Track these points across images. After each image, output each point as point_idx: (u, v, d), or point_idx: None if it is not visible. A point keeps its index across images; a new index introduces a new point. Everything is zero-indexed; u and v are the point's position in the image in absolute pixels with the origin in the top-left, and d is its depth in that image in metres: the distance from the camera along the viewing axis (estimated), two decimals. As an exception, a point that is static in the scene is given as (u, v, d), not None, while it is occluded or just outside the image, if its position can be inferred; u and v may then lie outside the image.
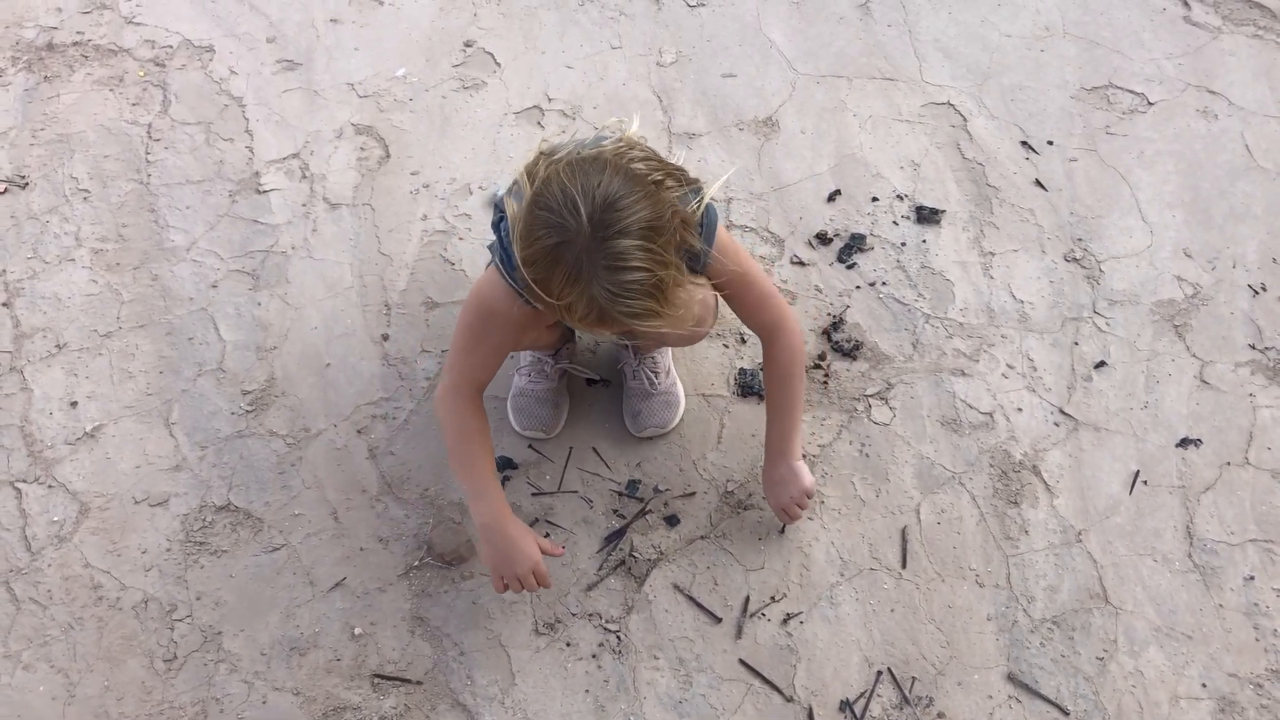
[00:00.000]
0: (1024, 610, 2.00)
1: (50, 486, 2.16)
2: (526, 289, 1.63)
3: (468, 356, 1.87)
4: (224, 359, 2.34)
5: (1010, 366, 2.32)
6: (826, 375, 2.30)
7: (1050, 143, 2.70)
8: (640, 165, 1.62)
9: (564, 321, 1.69)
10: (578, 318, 1.60)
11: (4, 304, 2.43)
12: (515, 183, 1.67)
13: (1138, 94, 2.80)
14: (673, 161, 1.74)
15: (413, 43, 2.97)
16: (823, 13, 3.01)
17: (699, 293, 1.84)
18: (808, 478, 1.98)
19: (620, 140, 1.69)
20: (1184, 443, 2.20)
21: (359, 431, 2.23)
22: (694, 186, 1.72)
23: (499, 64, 2.92)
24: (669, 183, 1.66)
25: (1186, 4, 2.99)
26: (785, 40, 2.95)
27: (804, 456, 2.08)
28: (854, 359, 2.33)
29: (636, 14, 3.04)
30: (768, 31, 2.98)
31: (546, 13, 3.04)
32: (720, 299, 1.96)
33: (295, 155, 2.70)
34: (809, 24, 2.99)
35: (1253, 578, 2.02)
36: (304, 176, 2.66)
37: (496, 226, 1.83)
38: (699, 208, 1.71)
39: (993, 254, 2.50)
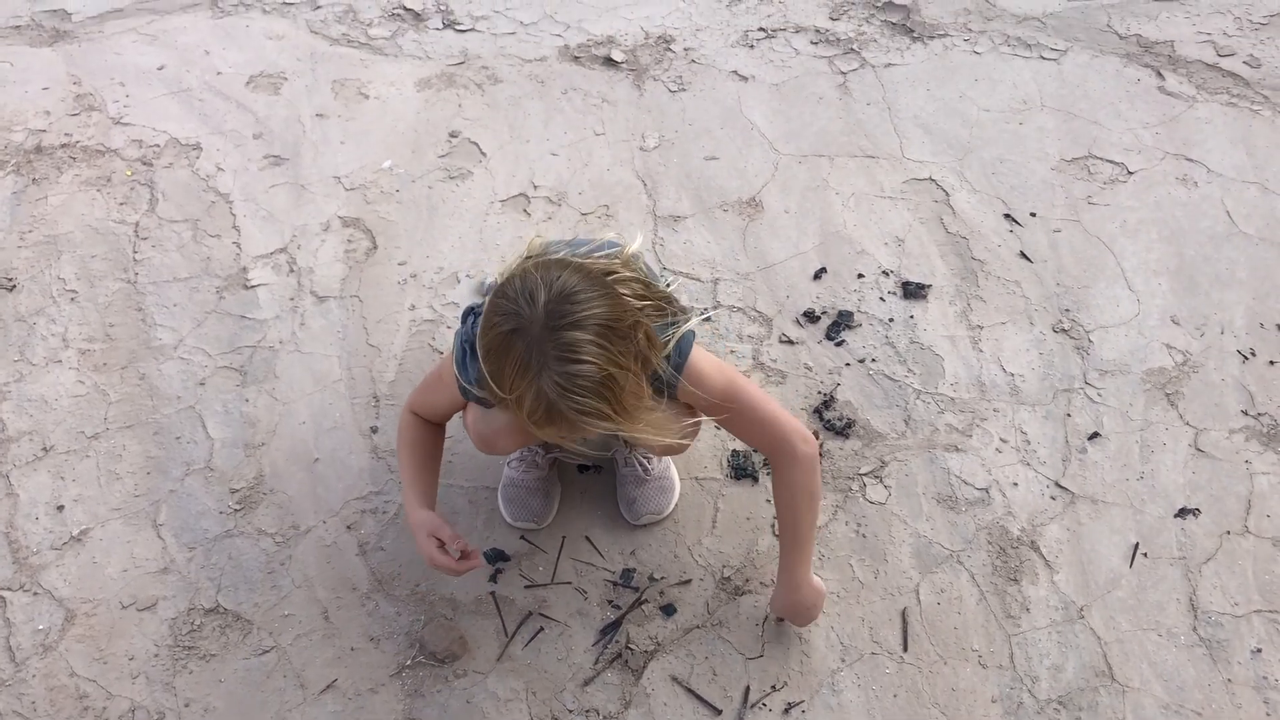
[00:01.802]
0: (1029, 691, 1.96)
1: (35, 594, 2.13)
2: (476, 384, 1.69)
3: (420, 392, 1.98)
4: (212, 457, 2.32)
5: (1004, 440, 2.30)
6: (820, 455, 2.28)
7: (1033, 214, 2.72)
8: (621, 287, 1.64)
9: (518, 421, 1.65)
10: (527, 412, 1.57)
11: (-10, 408, 2.42)
12: (494, 279, 1.68)
13: (1117, 164, 2.83)
14: (662, 289, 1.75)
15: (398, 135, 3.00)
16: (802, 94, 3.05)
17: (677, 416, 1.81)
18: (819, 595, 1.95)
19: (615, 258, 1.70)
20: (1182, 513, 2.18)
21: (349, 527, 2.21)
22: (677, 318, 1.74)
23: (484, 153, 2.94)
24: (648, 310, 1.67)
25: (1160, 74, 3.04)
26: (766, 122, 2.99)
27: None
28: (846, 437, 2.31)
29: (619, 100, 3.08)
30: (748, 113, 3.01)
31: (530, 102, 3.08)
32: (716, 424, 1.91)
33: (282, 250, 2.71)
34: (789, 105, 3.03)
35: (1260, 650, 1.99)
36: (291, 270, 2.66)
37: (465, 316, 1.83)
38: (673, 339, 1.72)
39: (981, 327, 2.50)
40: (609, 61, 3.21)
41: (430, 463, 1.98)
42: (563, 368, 1.52)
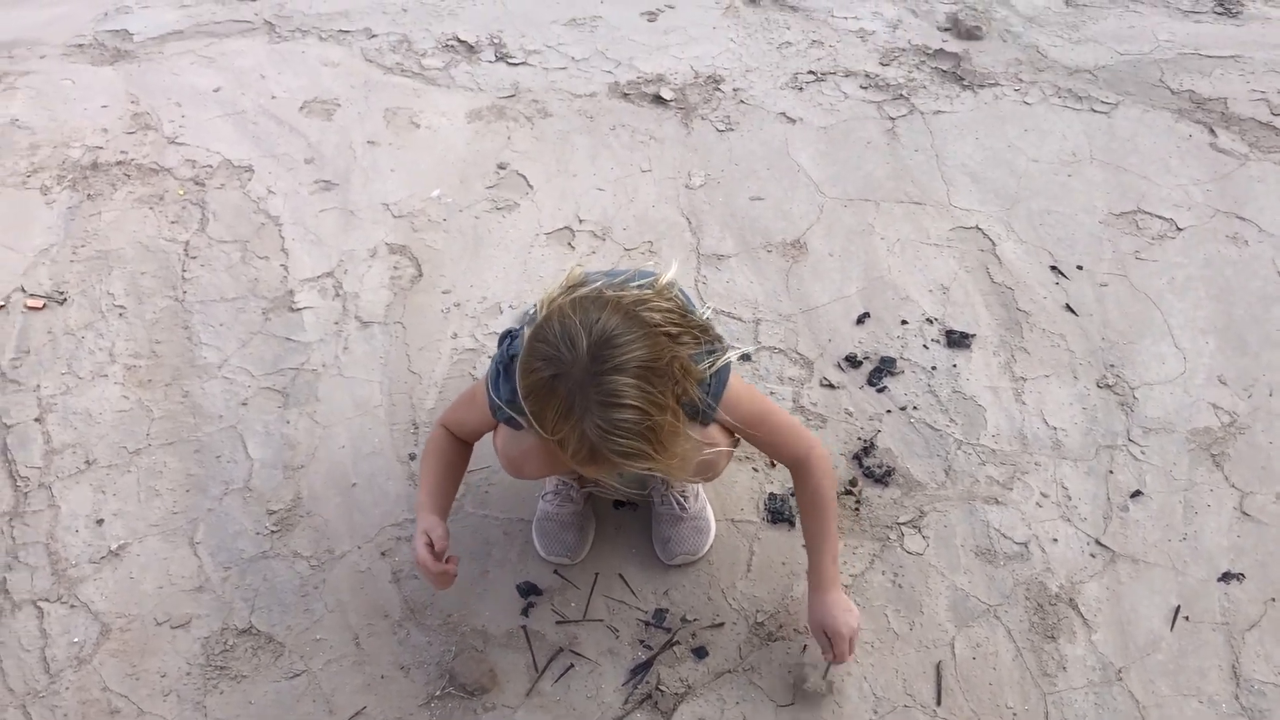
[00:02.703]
0: (1065, 752, 1.92)
1: (72, 606, 2.14)
2: (507, 404, 1.75)
3: (453, 408, 2.01)
4: (251, 477, 2.34)
5: (1044, 495, 2.28)
6: (858, 501, 2.26)
7: (1080, 267, 2.70)
8: (655, 315, 1.64)
9: (560, 458, 1.66)
10: (570, 453, 1.59)
11: (36, 419, 2.44)
12: (535, 307, 1.69)
13: (1166, 219, 2.81)
14: (699, 318, 1.77)
15: (447, 164, 3.03)
16: (850, 138, 3.06)
17: (710, 440, 1.85)
18: (856, 612, 1.93)
19: (651, 285, 1.71)
20: (1226, 577, 2.14)
21: (383, 554, 2.21)
22: (711, 346, 1.76)
23: (531, 186, 2.97)
24: (684, 338, 1.68)
25: (1213, 131, 3.02)
26: (812, 164, 2.99)
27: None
28: (885, 485, 2.30)
29: (666, 138, 3.09)
30: (795, 155, 3.02)
31: (579, 136, 3.11)
32: (741, 441, 1.96)
33: (329, 274, 2.74)
34: (836, 148, 3.04)
35: (1303, 722, 1.95)
36: (337, 295, 2.69)
37: (502, 339, 1.85)
38: (711, 367, 1.75)
39: (1024, 379, 2.48)
40: (658, 99, 3.23)
41: (451, 473, 1.99)
42: (605, 414, 1.53)
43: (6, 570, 2.19)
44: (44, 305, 2.68)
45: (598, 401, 1.53)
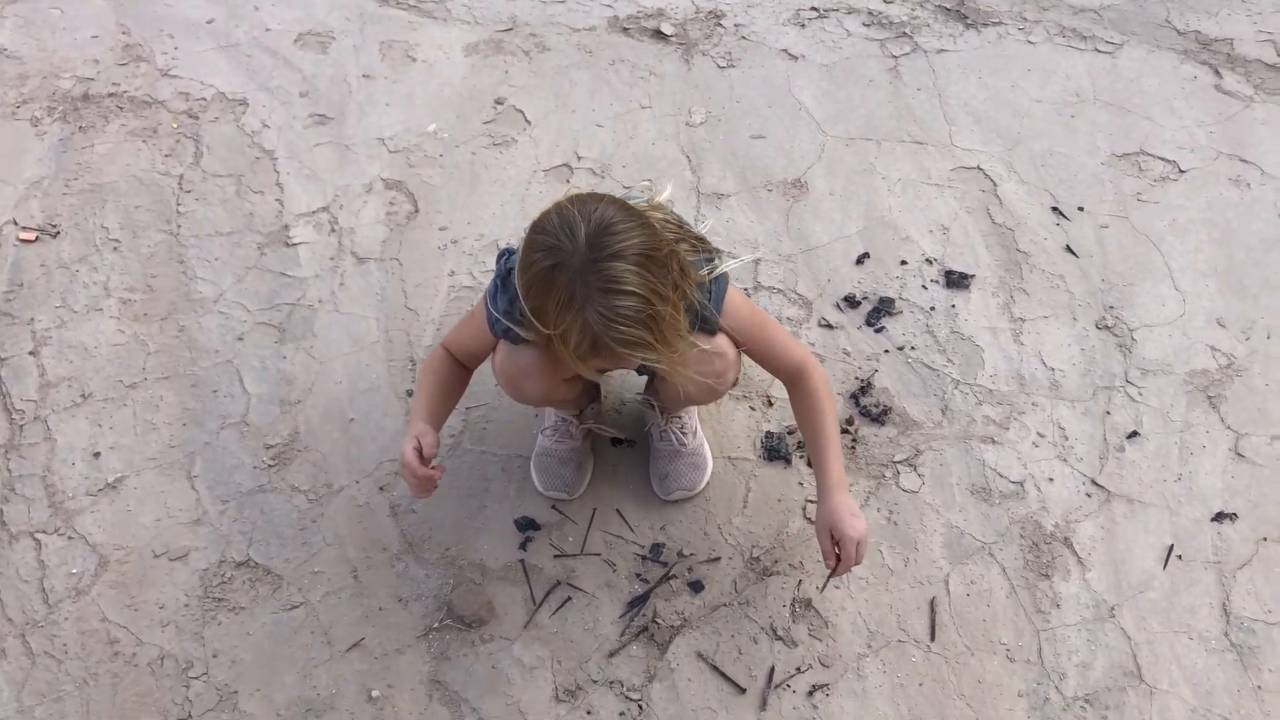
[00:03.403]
0: (1056, 687, 1.95)
1: (70, 538, 2.15)
2: (510, 327, 1.77)
3: (455, 329, 2.00)
4: (248, 412, 2.33)
5: (1041, 435, 2.28)
6: (854, 440, 2.27)
7: (1081, 209, 2.69)
8: (654, 215, 1.67)
9: (561, 356, 1.66)
10: (571, 347, 1.59)
11: (31, 352, 2.43)
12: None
13: (1169, 161, 2.78)
14: (695, 230, 1.78)
15: (444, 99, 2.99)
16: (852, 76, 3.02)
17: (718, 349, 1.86)
18: (864, 518, 1.89)
19: (647, 204, 1.71)
20: (1219, 517, 2.16)
21: (381, 488, 2.22)
22: (709, 255, 1.77)
23: (529, 121, 2.93)
24: (682, 244, 1.69)
25: (1218, 73, 2.99)
26: (814, 103, 2.96)
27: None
28: (882, 424, 2.30)
29: (667, 74, 3.05)
30: (797, 94, 2.99)
31: (578, 72, 3.06)
32: (742, 354, 1.95)
33: (325, 209, 2.71)
34: (839, 87, 3.00)
35: (1292, 659, 1.97)
36: (333, 230, 2.67)
37: (500, 257, 1.86)
38: (709, 274, 1.76)
39: (1023, 320, 2.47)
40: (658, 34, 3.18)
41: (447, 391, 1.96)
42: (606, 300, 1.53)
43: (3, 503, 2.19)
44: (36, 238, 2.65)
45: (598, 288, 1.53)
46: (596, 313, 1.54)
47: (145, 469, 2.25)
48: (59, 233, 2.67)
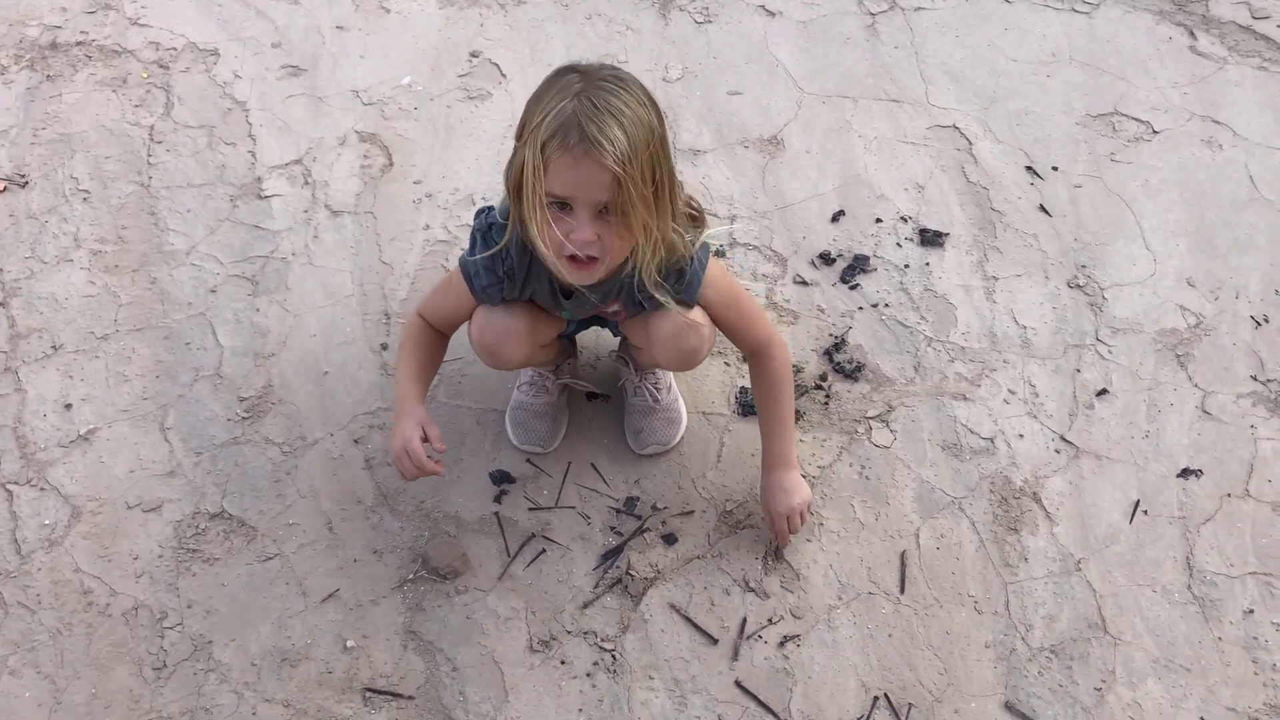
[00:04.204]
0: (1022, 638, 1.98)
1: (42, 489, 2.14)
2: (486, 287, 1.83)
3: (430, 295, 2.00)
4: (221, 365, 2.32)
5: (1012, 392, 2.31)
6: (828, 396, 2.29)
7: (1055, 168, 2.70)
8: None
9: (523, 172, 1.64)
10: (545, 128, 1.57)
11: (0, 304, 2.41)
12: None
13: (1143, 122, 2.80)
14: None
15: (419, 52, 2.96)
16: (830, 33, 3.01)
17: (694, 323, 1.89)
18: (808, 490, 2.01)
19: None
20: (1185, 473, 2.19)
21: (356, 441, 2.22)
22: (696, 222, 1.85)
23: (505, 75, 2.91)
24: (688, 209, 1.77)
25: (1193, 34, 3.00)
26: (791, 59, 2.95)
27: (804, 476, 2.07)
28: (855, 380, 2.32)
29: (643, 29, 3.04)
30: (774, 50, 2.98)
31: (554, 25, 3.04)
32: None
33: (298, 161, 2.69)
34: (815, 44, 2.99)
35: (1252, 611, 2.01)
36: (306, 183, 2.65)
37: (479, 213, 1.88)
38: (694, 241, 1.80)
39: (996, 278, 2.49)
40: (635, -11, 3.16)
41: (429, 365, 1.99)
42: (602, 96, 1.58)
43: (-26, 453, 2.18)
44: (5, 188, 2.62)
45: (599, 88, 1.59)
46: (588, 100, 1.57)
47: (117, 420, 2.24)
48: (27, 183, 2.64)
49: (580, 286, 1.78)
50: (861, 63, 2.94)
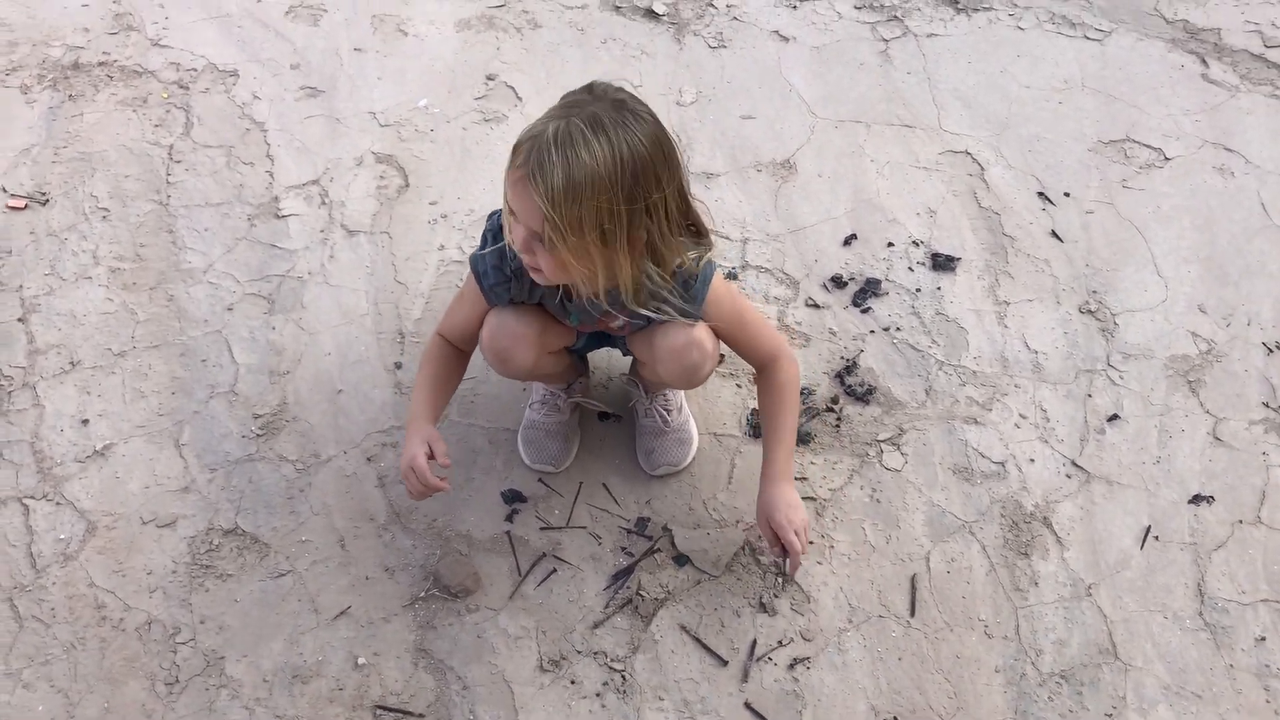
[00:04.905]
0: (1032, 663, 1.98)
1: (58, 504, 2.16)
2: (495, 285, 1.85)
3: (447, 313, 2.03)
4: (237, 382, 2.34)
5: (1023, 416, 2.31)
6: (839, 419, 2.29)
7: (1067, 194, 2.71)
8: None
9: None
10: (525, 142, 1.59)
11: (20, 319, 2.43)
12: None
13: (1155, 149, 2.81)
14: (699, 217, 1.82)
15: (435, 74, 2.99)
16: (843, 58, 3.04)
17: (697, 340, 1.88)
18: (803, 508, 1.95)
19: None
20: (1196, 499, 2.19)
21: (369, 459, 2.23)
22: (700, 242, 1.81)
23: (520, 98, 2.94)
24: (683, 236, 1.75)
25: (1205, 62, 3.02)
26: (805, 84, 2.97)
27: (814, 498, 2.08)
28: (866, 403, 2.32)
29: (658, 53, 3.06)
30: (788, 75, 3.00)
31: (569, 49, 3.07)
32: (720, 343, 1.99)
33: (315, 182, 2.72)
34: (829, 69, 3.01)
35: (1264, 638, 2.01)
36: (323, 203, 2.67)
37: (492, 215, 1.91)
38: (698, 260, 1.79)
39: (1007, 303, 2.50)
40: (650, 14, 3.19)
41: (446, 383, 2.01)
42: (575, 132, 1.55)
43: (-9, 467, 2.20)
44: (26, 205, 2.65)
45: (587, 117, 1.56)
46: (564, 128, 1.55)
47: (134, 436, 2.26)
48: (48, 201, 2.67)
49: (577, 294, 1.80)
50: (874, 88, 2.96)
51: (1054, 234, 2.63)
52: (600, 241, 1.62)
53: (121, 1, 3.19)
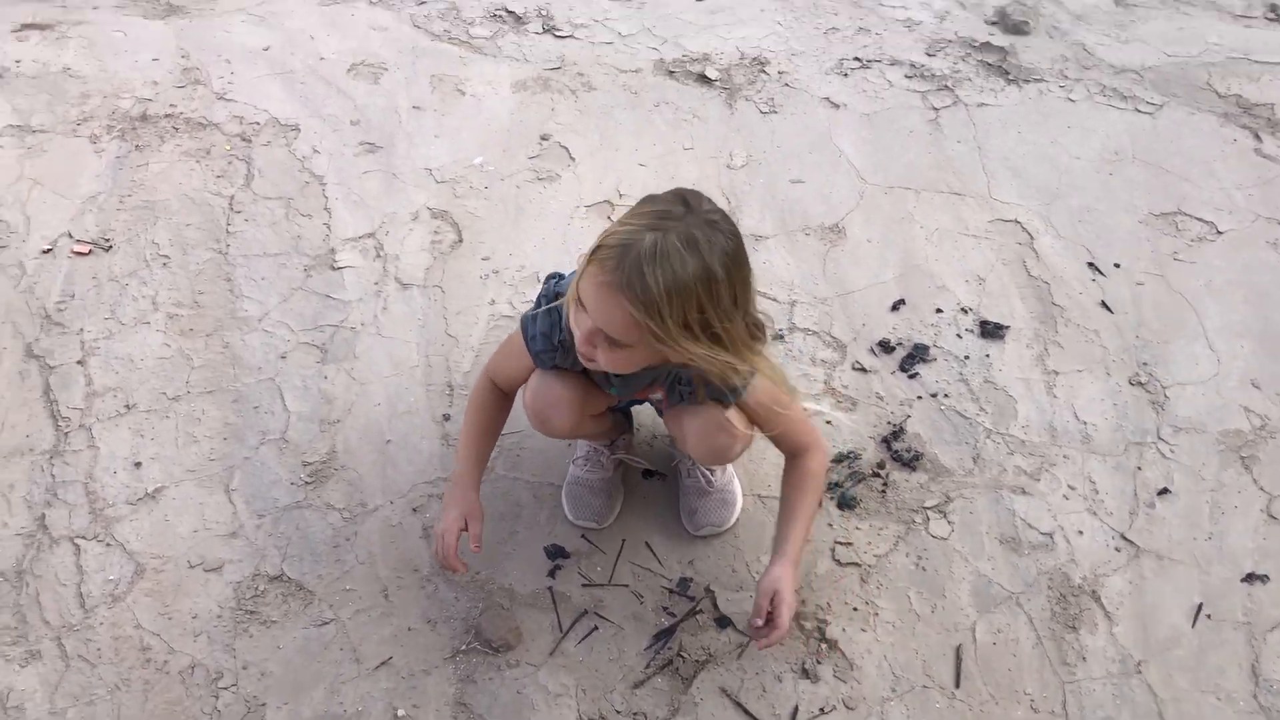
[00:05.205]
0: (1080, 740, 1.94)
1: (108, 545, 2.18)
2: (542, 351, 1.87)
3: (495, 355, 2.06)
4: (287, 429, 2.37)
5: (1072, 488, 2.29)
6: (885, 484, 2.28)
7: (1117, 265, 2.70)
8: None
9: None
10: (600, 251, 1.59)
11: (79, 361, 2.49)
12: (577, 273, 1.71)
13: (1207, 222, 2.80)
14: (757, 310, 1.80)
15: (491, 133, 3.05)
16: (893, 126, 3.06)
17: (727, 426, 1.88)
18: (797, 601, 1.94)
19: None
20: (1250, 578, 2.15)
21: (414, 510, 2.24)
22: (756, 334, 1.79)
23: (573, 158, 2.99)
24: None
25: (1258, 137, 3.01)
26: (854, 150, 3.00)
27: (858, 565, 2.06)
28: (913, 469, 2.31)
29: (710, 117, 3.11)
30: (838, 141, 3.03)
31: (622, 112, 3.12)
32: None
33: (371, 235, 2.77)
34: (879, 135, 3.04)
35: (1320, 724, 1.96)
36: (378, 256, 2.72)
37: (548, 279, 1.93)
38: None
39: (1056, 373, 2.48)
40: (703, 78, 3.24)
41: (492, 432, 2.06)
42: (670, 243, 1.54)
43: (46, 506, 2.23)
44: (90, 251, 2.72)
45: (684, 230, 1.56)
46: (660, 238, 1.55)
47: (184, 480, 2.29)
48: (111, 247, 2.73)
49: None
50: (924, 155, 2.98)
51: (1104, 305, 2.62)
52: (690, 341, 1.63)
53: (190, 56, 3.29)
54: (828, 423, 2.37)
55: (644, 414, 2.36)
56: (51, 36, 3.37)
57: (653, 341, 1.62)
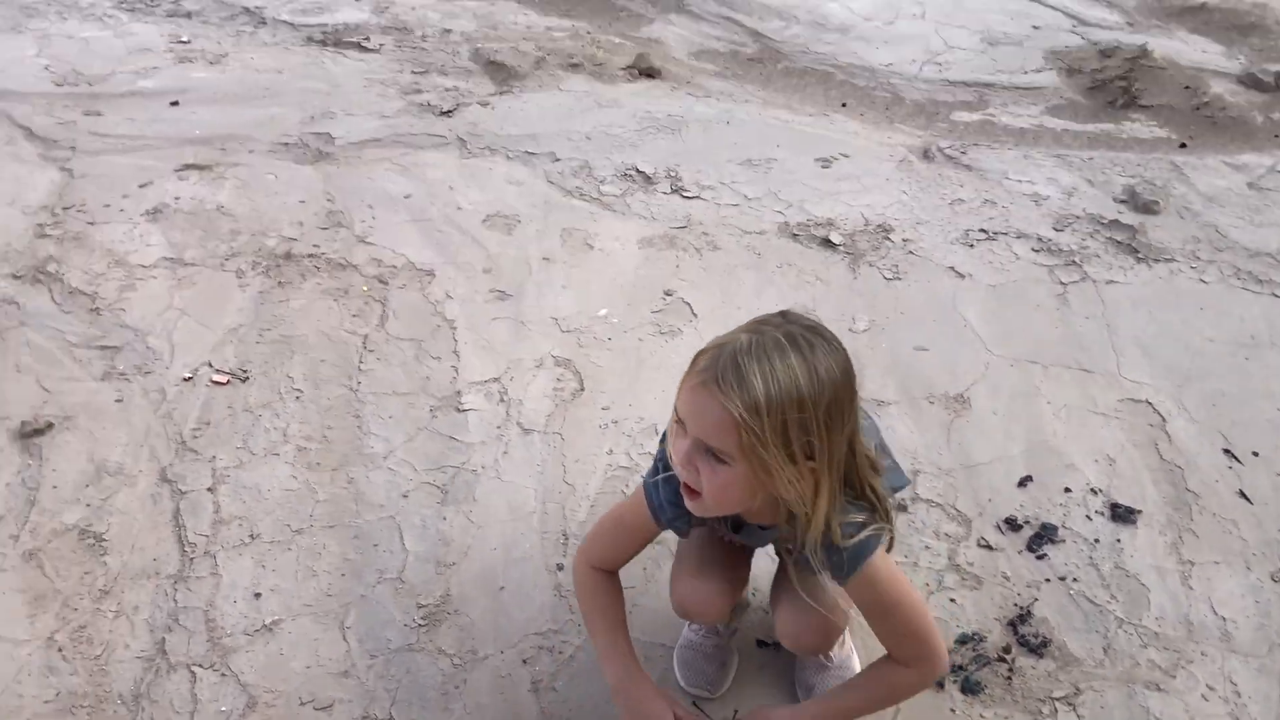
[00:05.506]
0: None
1: (224, 675, 2.20)
2: (672, 519, 1.79)
3: (596, 540, 1.95)
4: (405, 569, 2.39)
5: (1210, 688, 2.17)
6: (1010, 670, 2.19)
7: (1255, 454, 2.61)
8: None
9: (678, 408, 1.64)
10: (709, 354, 1.56)
11: (209, 489, 2.55)
12: None
13: (1352, 414, 2.70)
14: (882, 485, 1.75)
15: (617, 286, 3.12)
16: (1020, 299, 3.05)
17: (823, 606, 1.80)
18: None
19: None
20: None
21: (524, 661, 2.22)
22: (874, 506, 1.71)
23: (695, 314, 3.03)
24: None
25: (1404, 328, 2.92)
26: (979, 320, 2.99)
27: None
28: (1040, 656, 2.22)
29: (833, 280, 3.14)
30: (962, 310, 3.02)
31: (746, 271, 3.17)
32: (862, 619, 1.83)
33: (496, 379, 2.83)
34: (1005, 307, 3.03)
35: None
36: (502, 400, 2.77)
37: (664, 437, 1.86)
38: (856, 532, 1.67)
39: (1192, 563, 2.38)
40: (826, 243, 3.29)
41: (624, 623, 1.94)
42: (766, 346, 1.51)
43: (167, 631, 2.27)
44: (228, 381, 2.82)
45: (782, 335, 1.52)
46: (756, 341, 1.51)
47: (301, 614, 2.31)
48: (248, 378, 2.84)
49: (747, 521, 1.78)
50: (1051, 330, 2.96)
51: (1242, 494, 2.52)
52: (787, 458, 1.54)
53: (335, 200, 3.46)
54: (951, 600, 2.30)
55: (760, 579, 2.32)
56: (209, 176, 3.59)
57: (751, 452, 1.52)
